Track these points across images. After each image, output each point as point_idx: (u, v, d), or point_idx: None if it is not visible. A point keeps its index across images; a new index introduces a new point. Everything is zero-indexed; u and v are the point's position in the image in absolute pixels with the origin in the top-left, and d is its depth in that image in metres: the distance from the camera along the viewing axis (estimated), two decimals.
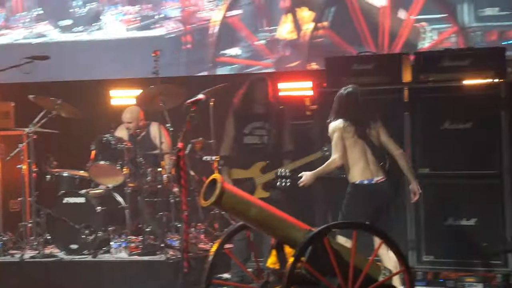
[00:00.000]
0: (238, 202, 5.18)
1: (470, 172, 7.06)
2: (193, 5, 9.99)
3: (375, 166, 6.42)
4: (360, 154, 6.43)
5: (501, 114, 6.99)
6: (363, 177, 6.40)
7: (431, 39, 8.86)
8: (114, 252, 7.80)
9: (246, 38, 9.82)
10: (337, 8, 9.33)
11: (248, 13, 9.81)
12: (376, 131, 6.48)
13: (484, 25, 8.71)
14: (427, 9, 8.92)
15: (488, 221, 7.02)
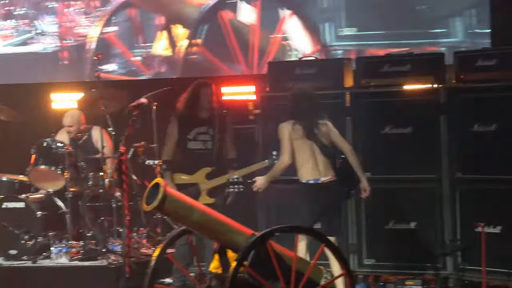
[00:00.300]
0: (180, 207, 5.17)
1: (410, 176, 7.17)
2: (70, 21, 10.07)
3: (324, 166, 6.50)
4: (309, 155, 6.50)
5: (440, 119, 7.13)
6: (310, 177, 6.48)
7: (296, 57, 9.27)
8: (54, 258, 7.71)
9: (123, 54, 9.99)
10: (209, 26, 9.61)
11: (124, 29, 10.03)
12: (326, 130, 6.54)
13: (344, 43, 9.22)
14: (292, 28, 9.35)
15: (427, 225, 7.14)
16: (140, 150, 8.41)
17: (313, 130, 6.52)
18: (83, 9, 10.07)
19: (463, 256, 6.99)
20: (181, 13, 9.73)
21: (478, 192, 6.92)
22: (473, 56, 7.15)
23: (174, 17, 9.78)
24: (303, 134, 6.51)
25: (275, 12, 9.42)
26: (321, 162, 6.51)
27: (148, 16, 9.99)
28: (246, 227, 5.31)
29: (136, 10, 9.99)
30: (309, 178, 6.50)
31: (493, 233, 6.78)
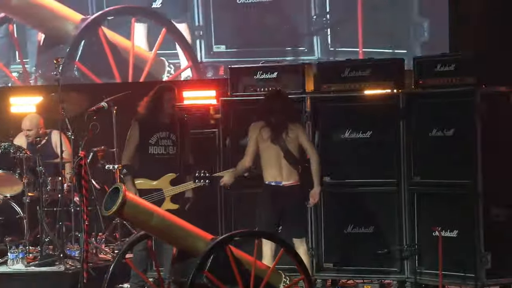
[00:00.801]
0: (139, 212, 5.17)
1: (369, 181, 7.23)
2: None
3: (287, 171, 6.55)
4: (273, 158, 6.55)
5: (400, 124, 7.21)
6: (272, 179, 6.54)
7: (170, 73, 9.62)
8: (11, 264, 7.64)
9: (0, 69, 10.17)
10: (87, 42, 9.91)
11: (1, 45, 10.22)
12: (295, 135, 6.59)
13: (214, 60, 9.73)
14: (167, 44, 9.78)
15: (386, 229, 7.21)
16: (99, 155, 8.39)
17: (281, 133, 6.56)
18: None
19: (420, 259, 7.08)
20: (60, 29, 9.84)
21: (435, 196, 7.01)
22: (432, 61, 7.24)
23: (53, 33, 9.89)
24: (270, 137, 6.55)
25: (152, 29, 9.77)
26: (285, 167, 6.56)
27: (30, 32, 10.14)
28: (206, 232, 5.33)
29: (14, 25, 10.11)
30: (271, 180, 6.56)
31: (450, 237, 6.88)
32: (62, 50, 9.80)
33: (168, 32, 9.68)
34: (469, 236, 6.82)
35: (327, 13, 9.26)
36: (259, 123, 6.64)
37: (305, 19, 9.37)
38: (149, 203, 5.34)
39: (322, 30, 9.28)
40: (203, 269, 5.02)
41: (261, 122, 6.63)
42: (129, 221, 5.84)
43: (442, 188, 6.97)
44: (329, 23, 9.28)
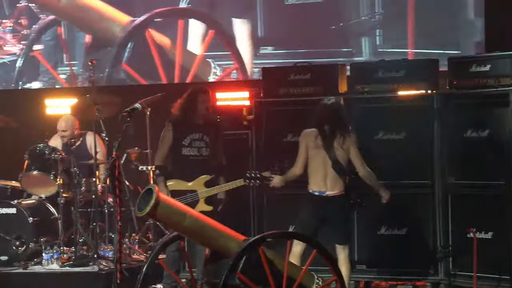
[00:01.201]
0: (172, 213, 5.20)
1: (403, 182, 7.20)
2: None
3: (332, 180, 6.49)
4: (320, 166, 6.50)
5: (434, 125, 7.18)
6: (316, 188, 6.51)
7: (216, 75, 9.53)
8: (46, 264, 7.73)
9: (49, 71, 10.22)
10: (134, 44, 9.86)
11: (51, 47, 10.25)
12: (347, 146, 6.53)
13: (261, 62, 9.59)
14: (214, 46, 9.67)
15: (419, 230, 7.18)
16: (133, 156, 8.44)
17: (332, 142, 6.51)
18: (11, 27, 10.19)
19: (454, 261, 7.03)
20: (108, 31, 9.87)
21: (470, 198, 6.96)
22: (467, 62, 7.19)
23: (101, 35, 9.93)
24: (321, 145, 6.50)
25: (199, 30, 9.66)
26: (330, 176, 6.50)
27: (78, 34, 10.21)
28: (238, 233, 5.35)
29: (63, 28, 10.17)
30: (315, 189, 6.52)
31: (485, 239, 6.83)
32: (109, 52, 9.86)
33: (217, 34, 9.62)
34: (504, 237, 6.77)
35: (376, 14, 9.08)
36: (311, 131, 6.57)
37: (354, 20, 9.21)
38: (181, 204, 5.37)
39: (371, 30, 9.09)
40: (235, 270, 5.04)
41: (313, 130, 6.57)
42: (162, 222, 5.88)
43: (476, 189, 6.93)
44: (378, 23, 9.11)
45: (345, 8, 9.27)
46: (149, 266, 5.39)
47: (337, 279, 5.27)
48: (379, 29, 9.09)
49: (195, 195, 6.91)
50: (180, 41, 9.72)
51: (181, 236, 5.45)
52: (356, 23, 9.11)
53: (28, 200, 8.23)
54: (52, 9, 10.11)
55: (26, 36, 10.23)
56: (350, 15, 9.20)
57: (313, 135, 6.55)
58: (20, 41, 10.19)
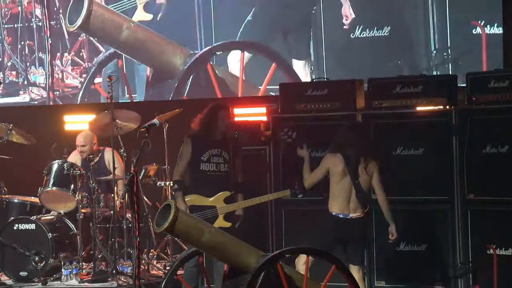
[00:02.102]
0: (191, 228, 5.19)
1: (421, 198, 7.18)
2: (59, 72, 10.36)
3: (355, 204, 6.47)
4: (344, 192, 6.47)
5: (452, 140, 7.15)
6: (339, 211, 6.48)
7: None
8: (65, 279, 7.75)
9: None
10: (195, 76, 9.84)
11: None
12: (372, 172, 6.48)
13: None
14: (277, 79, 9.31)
15: (439, 247, 7.14)
16: (151, 172, 8.46)
17: (357, 168, 6.46)
18: (72, 60, 10.26)
19: (474, 278, 6.98)
20: (169, 64, 9.90)
21: (489, 214, 6.92)
22: (485, 77, 7.17)
23: (162, 67, 9.96)
24: (345, 171, 6.46)
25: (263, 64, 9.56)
26: (353, 200, 6.48)
27: (139, 67, 10.22)
28: (257, 249, 5.34)
29: (124, 61, 10.21)
30: (338, 212, 6.48)
31: (505, 255, 6.78)
32: (170, 84, 9.89)
33: (278, 67, 9.53)
34: None
35: (448, 48, 8.84)
36: (335, 157, 6.49)
37: (424, 54, 8.96)
38: (200, 220, 5.37)
39: (443, 65, 8.78)
40: (254, 286, 5.02)
41: (337, 155, 6.49)
42: (180, 237, 5.86)
43: (496, 206, 6.88)
44: (450, 57, 8.84)
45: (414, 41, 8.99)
46: (168, 281, 5.39)
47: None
48: (451, 63, 8.81)
49: (214, 211, 6.91)
50: (241, 74, 9.71)
51: (200, 251, 5.44)
52: (425, 57, 8.89)
53: (47, 216, 8.26)
54: (112, 42, 10.14)
55: (87, 69, 10.31)
56: (418, 49, 8.96)
57: (337, 162, 6.48)
58: (81, 74, 10.26)
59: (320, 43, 9.30)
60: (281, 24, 9.49)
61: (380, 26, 8.96)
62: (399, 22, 8.89)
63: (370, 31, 9.00)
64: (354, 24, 9.03)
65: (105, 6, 10.08)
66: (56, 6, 10.26)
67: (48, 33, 10.33)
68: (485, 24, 8.56)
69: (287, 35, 9.45)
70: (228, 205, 6.92)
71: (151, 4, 10.03)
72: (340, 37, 9.21)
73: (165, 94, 9.90)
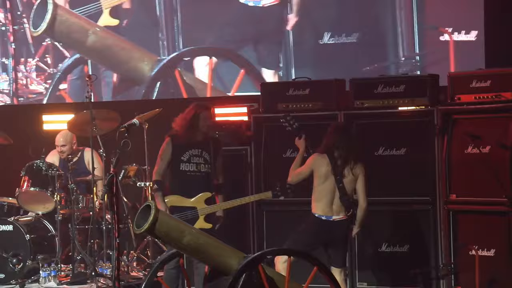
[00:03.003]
0: (171, 229, 5.16)
1: (404, 198, 7.20)
2: (24, 78, 10.22)
3: (338, 206, 6.47)
4: (328, 193, 6.47)
5: (435, 141, 7.16)
6: (322, 213, 6.47)
7: None
8: (43, 282, 7.69)
9: None
10: (162, 83, 9.73)
11: (76, 87, 10.16)
12: (357, 175, 6.48)
13: None
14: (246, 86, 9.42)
15: (421, 247, 7.15)
16: (131, 172, 8.41)
17: (343, 170, 6.45)
18: (36, 66, 10.17)
19: (456, 279, 7.00)
20: (136, 71, 9.84)
21: (472, 215, 6.94)
22: (467, 77, 7.19)
23: (129, 74, 9.91)
24: (331, 172, 6.46)
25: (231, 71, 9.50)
26: (336, 202, 6.48)
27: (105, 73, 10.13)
28: (238, 251, 5.32)
29: (90, 67, 10.10)
30: (321, 214, 6.47)
31: (487, 256, 6.80)
32: (137, 91, 9.82)
33: (247, 74, 9.46)
34: (507, 255, 6.74)
35: (416, 55, 8.81)
36: (323, 157, 6.49)
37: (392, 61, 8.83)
38: (180, 221, 5.34)
39: (411, 72, 8.63)
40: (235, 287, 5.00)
41: (324, 155, 6.49)
42: (161, 238, 5.80)
43: (478, 206, 6.90)
44: (419, 65, 8.82)
45: (382, 48, 8.96)
46: (148, 283, 5.35)
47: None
48: (420, 70, 8.76)
49: (195, 212, 6.88)
50: (210, 81, 9.66)
51: (180, 253, 5.41)
52: (394, 64, 8.86)
53: (25, 217, 8.21)
54: (78, 48, 10.04)
55: (52, 75, 10.20)
56: (387, 56, 8.93)
57: (323, 163, 6.47)
58: (46, 80, 10.17)
59: (289, 51, 9.29)
60: (251, 32, 9.47)
61: (348, 32, 8.97)
62: (368, 29, 8.91)
63: (339, 38, 9.01)
64: (322, 30, 9.03)
65: (70, 11, 9.96)
66: (20, 10, 10.14)
67: (12, 38, 10.21)
68: (453, 31, 8.60)
69: (256, 43, 9.44)
70: (209, 206, 6.90)
71: (117, 9, 9.93)
72: (309, 45, 9.21)
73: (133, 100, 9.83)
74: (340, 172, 6.44)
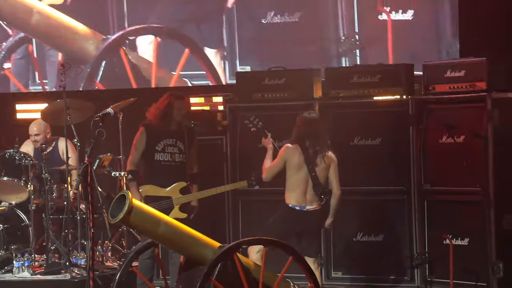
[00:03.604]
0: (146, 219, 5.17)
1: (378, 188, 7.24)
2: None
3: (311, 196, 6.50)
4: (300, 182, 6.49)
5: (409, 130, 7.21)
6: (296, 203, 6.50)
7: None
8: (16, 272, 7.65)
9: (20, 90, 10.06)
10: (108, 62, 9.68)
11: (20, 66, 10.05)
12: (328, 163, 6.51)
13: None
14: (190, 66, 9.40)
15: (396, 237, 7.20)
16: (106, 162, 8.39)
17: (315, 159, 6.48)
18: None
19: (430, 268, 7.06)
20: (81, 50, 9.77)
21: (446, 204, 7.00)
22: (441, 67, 7.24)
23: (74, 54, 9.81)
24: (303, 162, 6.48)
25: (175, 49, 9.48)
26: (310, 191, 6.51)
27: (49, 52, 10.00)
28: (214, 240, 5.33)
29: (34, 46, 9.99)
30: (295, 204, 6.50)
31: (461, 245, 6.86)
32: (83, 70, 9.73)
33: (192, 53, 9.43)
34: (480, 244, 6.81)
35: (356, 34, 8.90)
36: (294, 148, 6.50)
37: (333, 40, 8.97)
38: (156, 211, 5.35)
39: (351, 51, 8.83)
40: (210, 277, 5.02)
41: (296, 146, 6.50)
42: (136, 229, 5.84)
43: (452, 196, 6.96)
44: (358, 43, 8.90)
45: (323, 28, 9.06)
46: (123, 273, 5.35)
47: (314, 287, 5.27)
48: (359, 49, 8.88)
49: (170, 202, 6.88)
50: (155, 60, 9.61)
51: (155, 243, 5.42)
52: (334, 43, 8.95)
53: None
54: (23, 27, 9.91)
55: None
56: (328, 35, 9.01)
57: (295, 153, 6.49)
58: None
59: (232, 30, 9.30)
60: (194, 12, 9.44)
61: (291, 11, 9.01)
62: (309, 8, 8.96)
63: (282, 17, 9.04)
64: (265, 10, 9.06)
65: None
66: None
67: None
68: (391, 10, 8.67)
69: (199, 22, 9.44)
70: (183, 196, 6.90)
71: None
72: (252, 24, 9.23)
73: (78, 80, 9.73)
74: (312, 161, 6.47)
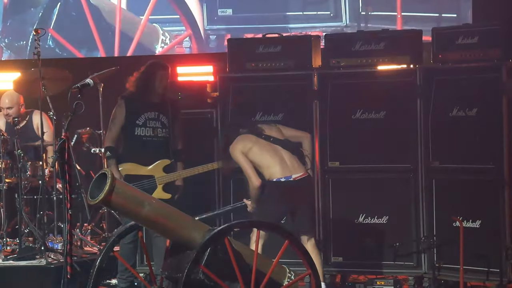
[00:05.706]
0: (129, 200, 5.17)
1: (383, 166, 7.24)
2: None
3: (291, 161, 6.54)
4: (272, 154, 6.54)
5: (417, 103, 7.21)
6: (280, 175, 6.53)
7: (165, 43, 9.30)
8: None
9: None
10: (62, 6, 9.57)
11: None
12: (276, 130, 6.61)
13: (219, 27, 9.36)
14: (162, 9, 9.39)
15: (401, 219, 7.21)
16: (84, 137, 8.41)
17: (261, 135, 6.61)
18: None
19: (439, 253, 7.09)
20: None
21: (456, 183, 7.01)
22: (453, 33, 7.23)
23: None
24: (257, 140, 6.56)
25: None
26: (287, 157, 6.56)
27: None
28: (203, 223, 5.34)
29: None
30: (280, 177, 6.54)
31: (472, 228, 6.89)
32: (33, 14, 9.55)
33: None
34: (493, 227, 6.83)
35: None
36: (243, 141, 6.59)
37: None
38: (139, 190, 5.36)
39: None
40: (199, 263, 5.04)
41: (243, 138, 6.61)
42: (118, 210, 5.84)
43: (463, 174, 6.98)
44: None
45: None
46: (103, 259, 5.36)
47: (311, 273, 5.29)
48: None
49: (152, 181, 6.89)
50: (119, 4, 9.46)
51: (139, 226, 5.43)
52: None
53: None
54: None
55: None
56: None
57: (250, 142, 6.58)
58: None
59: None
60: None
61: None
62: None
63: None
64: None
65: None
66: None
67: None
68: None
69: None
70: (167, 175, 6.91)
71: None
72: None
73: (28, 25, 9.59)
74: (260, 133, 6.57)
